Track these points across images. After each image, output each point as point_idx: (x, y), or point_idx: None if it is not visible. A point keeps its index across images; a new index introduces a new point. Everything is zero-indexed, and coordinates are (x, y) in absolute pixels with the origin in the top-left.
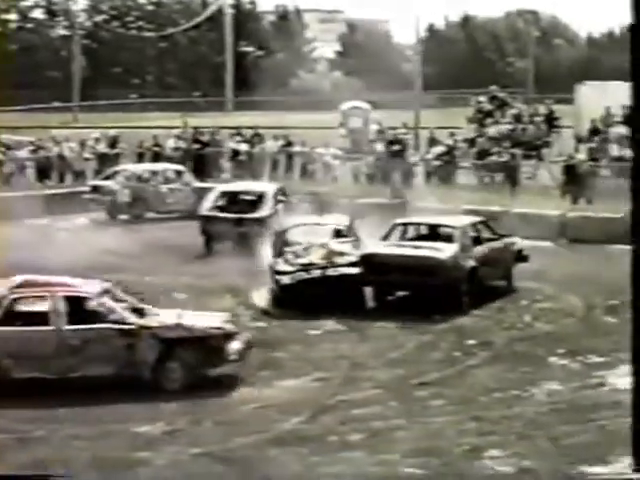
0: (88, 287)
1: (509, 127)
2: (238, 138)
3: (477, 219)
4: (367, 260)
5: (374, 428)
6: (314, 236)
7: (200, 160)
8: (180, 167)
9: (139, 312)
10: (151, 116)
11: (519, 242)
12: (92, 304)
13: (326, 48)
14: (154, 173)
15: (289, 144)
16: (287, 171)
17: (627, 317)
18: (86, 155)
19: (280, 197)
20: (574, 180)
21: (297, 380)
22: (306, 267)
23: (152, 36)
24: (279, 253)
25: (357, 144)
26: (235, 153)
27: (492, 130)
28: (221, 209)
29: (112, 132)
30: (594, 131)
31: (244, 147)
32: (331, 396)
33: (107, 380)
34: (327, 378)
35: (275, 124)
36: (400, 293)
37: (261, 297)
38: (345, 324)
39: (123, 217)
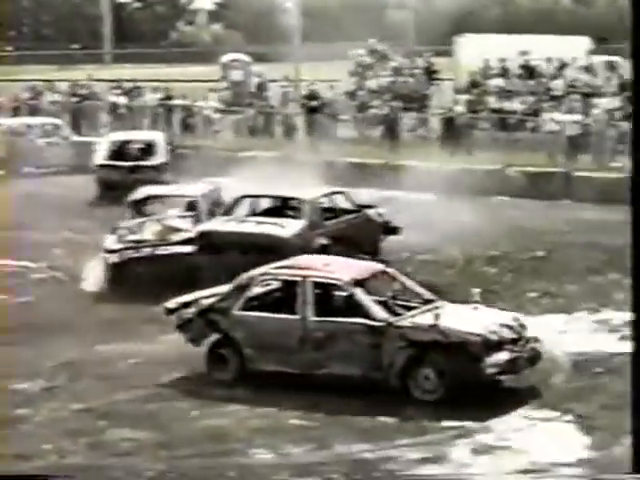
0: (342, 273)
1: (389, 80)
2: (117, 91)
3: (333, 190)
4: (203, 238)
5: None
6: (168, 208)
7: (78, 114)
8: (57, 121)
9: (427, 302)
10: (28, 69)
11: (385, 213)
12: (341, 294)
13: (205, 0)
14: (30, 127)
15: (169, 97)
16: (167, 124)
17: (505, 267)
18: None
19: (169, 147)
20: (453, 132)
21: None
22: (137, 244)
23: None
24: (112, 229)
25: (238, 97)
26: (114, 106)
27: (372, 83)
28: (115, 158)
29: None
30: (473, 83)
31: (123, 100)
32: None
33: (353, 381)
34: None
35: (154, 77)
36: None
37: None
38: None
39: None
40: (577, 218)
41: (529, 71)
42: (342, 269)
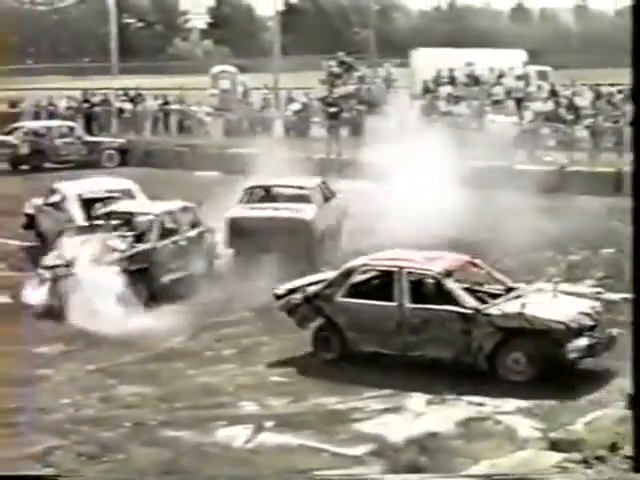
0: (434, 265)
1: (355, 87)
2: (123, 98)
3: (322, 179)
4: (232, 224)
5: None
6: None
7: (91, 117)
8: (72, 123)
9: (510, 290)
10: (46, 79)
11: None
12: (434, 283)
13: (198, 20)
14: (49, 129)
15: (167, 103)
16: (166, 127)
17: (456, 248)
18: None
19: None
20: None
21: None
22: (69, 264)
23: (45, 10)
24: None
25: (226, 102)
26: (121, 111)
27: (341, 90)
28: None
29: (12, 94)
30: (425, 90)
31: (128, 106)
32: None
33: (445, 364)
34: None
35: (155, 86)
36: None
37: None
38: None
39: (24, 167)
40: (516, 205)
41: (474, 79)
42: (434, 261)
